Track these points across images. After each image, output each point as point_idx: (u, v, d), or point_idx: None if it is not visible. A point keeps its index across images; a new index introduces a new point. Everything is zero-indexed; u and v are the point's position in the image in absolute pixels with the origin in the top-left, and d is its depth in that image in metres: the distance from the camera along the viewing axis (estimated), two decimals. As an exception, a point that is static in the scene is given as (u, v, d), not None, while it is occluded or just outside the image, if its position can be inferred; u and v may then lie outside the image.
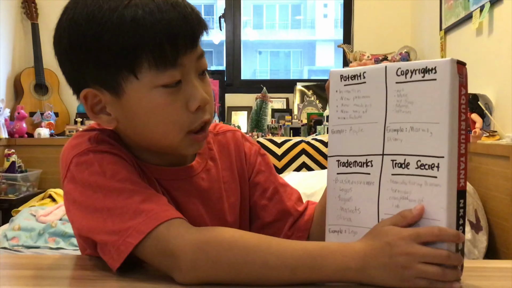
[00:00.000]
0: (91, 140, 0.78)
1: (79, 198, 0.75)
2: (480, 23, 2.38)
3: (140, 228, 0.69)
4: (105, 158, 0.76)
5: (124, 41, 0.71)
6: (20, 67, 3.58)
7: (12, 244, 2.10)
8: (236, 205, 0.92)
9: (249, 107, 3.70)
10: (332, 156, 0.76)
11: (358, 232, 0.71)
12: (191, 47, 0.76)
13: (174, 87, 0.75)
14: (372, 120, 0.71)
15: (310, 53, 11.59)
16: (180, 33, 0.73)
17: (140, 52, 0.72)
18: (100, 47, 0.72)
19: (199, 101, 0.76)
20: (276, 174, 0.98)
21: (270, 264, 0.65)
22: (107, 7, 0.72)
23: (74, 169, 0.76)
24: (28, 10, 3.53)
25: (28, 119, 3.39)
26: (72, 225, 0.79)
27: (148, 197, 0.72)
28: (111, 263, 0.71)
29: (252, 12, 11.26)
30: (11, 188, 2.97)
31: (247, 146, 0.96)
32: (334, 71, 0.76)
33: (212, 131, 0.94)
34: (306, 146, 2.77)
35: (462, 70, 0.66)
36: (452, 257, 0.63)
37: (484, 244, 1.95)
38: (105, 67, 0.74)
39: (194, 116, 0.77)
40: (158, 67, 0.73)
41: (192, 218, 0.81)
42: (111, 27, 0.71)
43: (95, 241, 0.74)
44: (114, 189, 0.72)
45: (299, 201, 0.96)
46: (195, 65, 0.77)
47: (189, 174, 0.87)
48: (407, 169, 0.67)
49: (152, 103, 0.75)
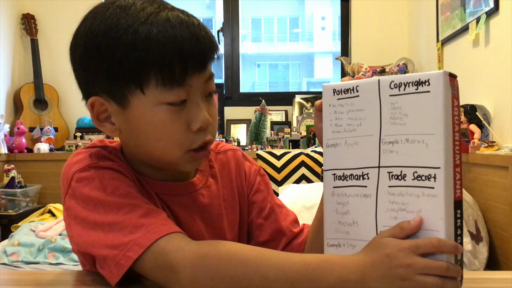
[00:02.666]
0: (92, 156, 0.80)
1: (80, 214, 0.75)
2: (477, 35, 2.40)
3: (140, 242, 0.69)
4: (106, 174, 0.77)
5: (135, 56, 0.73)
6: (20, 83, 3.59)
7: (12, 260, 2.09)
8: (236, 222, 0.93)
9: (248, 120, 3.71)
10: (327, 170, 0.76)
11: (357, 245, 0.71)
12: (200, 69, 0.77)
13: (178, 106, 0.76)
14: (367, 133, 0.71)
15: (309, 65, 11.63)
16: (190, 54, 0.75)
17: (149, 68, 0.74)
18: (112, 60, 0.74)
19: (201, 122, 0.77)
20: (273, 195, 0.99)
21: (270, 277, 0.65)
22: (124, 22, 0.74)
23: (75, 185, 0.77)
24: (28, 26, 3.55)
25: (27, 134, 3.40)
26: (70, 240, 0.79)
27: (148, 212, 0.73)
28: (110, 278, 0.71)
29: (251, 25, 11.33)
30: (10, 204, 2.96)
31: (247, 165, 0.98)
32: (327, 85, 0.76)
33: (214, 149, 0.96)
34: (305, 158, 2.77)
35: (454, 82, 0.66)
36: (451, 269, 0.63)
37: (484, 255, 1.95)
38: (114, 79, 0.76)
39: (195, 136, 0.78)
40: (165, 85, 0.74)
41: (192, 233, 0.82)
42: (125, 42, 0.73)
43: (94, 256, 0.74)
44: (115, 204, 0.73)
45: (295, 223, 0.96)
46: (202, 86, 0.78)
47: (189, 190, 0.87)
48: (404, 180, 0.67)
49: (155, 119, 0.76)
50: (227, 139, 3.47)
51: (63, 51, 3.37)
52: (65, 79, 3.66)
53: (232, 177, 0.95)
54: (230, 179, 0.94)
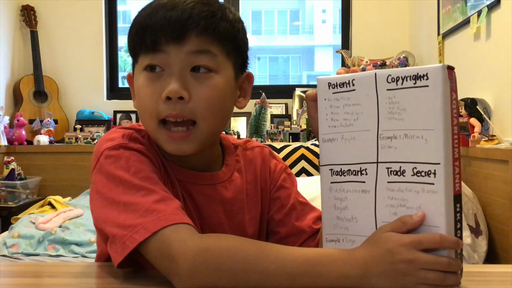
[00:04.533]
0: (125, 137, 0.83)
1: (101, 189, 0.78)
2: (478, 28, 2.39)
3: (147, 227, 0.70)
4: (133, 156, 0.80)
5: (132, 29, 0.82)
6: (19, 75, 3.59)
7: (12, 252, 2.10)
8: (257, 218, 0.93)
9: (248, 113, 3.70)
10: (324, 165, 0.75)
11: (356, 240, 0.71)
12: (176, 38, 0.78)
13: (153, 73, 0.80)
14: (364, 128, 0.70)
15: (309, 58, 11.59)
16: (163, 21, 0.78)
17: (135, 37, 0.81)
18: (128, 36, 0.84)
19: (168, 91, 0.78)
20: (298, 193, 0.99)
21: (270, 272, 0.65)
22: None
23: (103, 161, 0.80)
24: (27, 18, 3.54)
25: (27, 126, 3.39)
26: (92, 214, 0.81)
27: (163, 199, 0.74)
28: (114, 257, 0.72)
29: (251, 18, 11.28)
30: (10, 196, 2.96)
31: (273, 163, 0.98)
32: (322, 78, 0.74)
33: (242, 145, 0.97)
34: (305, 151, 2.77)
35: (452, 75, 0.66)
36: (452, 264, 0.63)
37: (484, 249, 1.95)
38: (128, 48, 0.85)
39: (164, 105, 0.79)
40: (142, 50, 0.81)
41: (213, 225, 0.85)
42: (136, 20, 0.82)
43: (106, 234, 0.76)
44: (134, 186, 0.75)
45: (318, 220, 0.94)
46: (185, 58, 0.79)
47: (213, 181, 0.89)
48: (403, 176, 0.67)
49: (137, 84, 0.83)
50: (227, 132, 3.46)
51: (63, 43, 3.37)
52: (65, 71, 3.65)
53: (257, 174, 0.95)
54: (254, 175, 0.95)
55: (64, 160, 3.28)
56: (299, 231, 0.93)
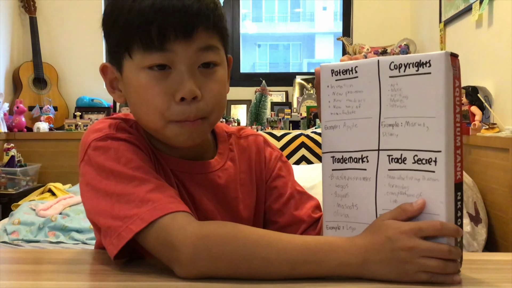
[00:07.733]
0: (112, 127, 0.81)
1: (92, 181, 0.76)
2: (480, 15, 2.37)
3: (144, 217, 0.69)
4: (122, 146, 0.78)
5: (123, 19, 0.76)
6: (19, 61, 3.57)
7: (12, 238, 2.10)
8: (252, 207, 0.92)
9: (248, 101, 3.69)
10: (326, 153, 0.75)
11: (357, 228, 0.71)
12: (184, 36, 0.75)
13: (159, 71, 0.76)
14: (366, 115, 0.70)
15: (310, 46, 11.55)
16: (172, 19, 0.74)
17: (133, 32, 0.75)
18: (113, 24, 0.78)
19: (183, 92, 0.76)
20: (295, 182, 0.97)
21: (270, 259, 0.65)
22: None
23: (92, 153, 0.78)
24: (26, 4, 3.51)
25: (27, 113, 3.39)
26: (84, 207, 0.80)
27: (157, 187, 0.73)
28: (110, 249, 0.72)
29: (251, 5, 11.22)
30: (10, 183, 2.97)
31: (268, 151, 0.96)
32: (325, 65, 0.74)
33: (236, 134, 0.95)
34: (305, 139, 2.77)
35: (455, 62, 0.65)
36: (453, 251, 0.63)
37: (483, 237, 1.96)
38: (112, 43, 0.80)
39: (179, 107, 0.77)
40: (144, 48, 0.75)
41: (205, 213, 0.83)
42: (120, 6, 0.77)
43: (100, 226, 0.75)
44: (126, 176, 0.74)
45: (316, 209, 0.94)
46: (193, 55, 0.77)
47: (205, 170, 0.87)
48: (404, 164, 0.67)
49: (138, 83, 0.78)
50: (227, 119, 3.46)
51: (62, 30, 3.34)
52: (64, 58, 3.64)
53: (251, 163, 0.94)
54: (249, 164, 0.93)
55: (64, 147, 3.28)
56: (298, 220, 0.92)
